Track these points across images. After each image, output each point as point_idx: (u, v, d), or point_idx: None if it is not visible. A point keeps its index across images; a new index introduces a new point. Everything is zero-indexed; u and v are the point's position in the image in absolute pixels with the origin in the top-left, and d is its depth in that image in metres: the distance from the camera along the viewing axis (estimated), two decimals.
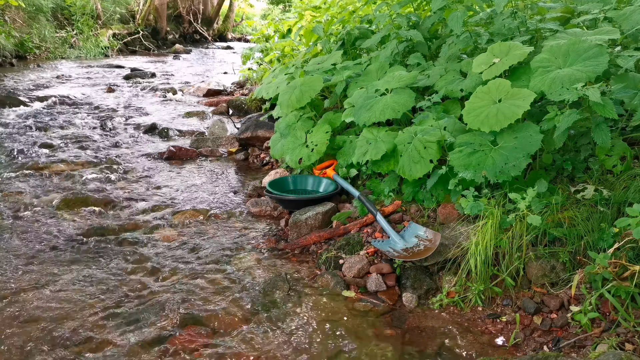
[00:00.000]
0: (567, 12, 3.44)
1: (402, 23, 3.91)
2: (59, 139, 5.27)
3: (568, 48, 2.57)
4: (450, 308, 2.37)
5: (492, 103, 2.60)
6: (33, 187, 3.91)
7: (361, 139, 3.29)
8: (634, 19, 2.73)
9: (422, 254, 2.52)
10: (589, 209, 2.35)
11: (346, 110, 3.64)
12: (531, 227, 2.31)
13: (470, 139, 2.66)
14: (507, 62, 2.71)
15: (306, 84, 3.81)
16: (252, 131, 4.97)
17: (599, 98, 2.18)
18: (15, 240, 3.03)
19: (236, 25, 23.32)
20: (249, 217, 3.51)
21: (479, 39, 3.39)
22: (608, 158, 2.50)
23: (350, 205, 3.28)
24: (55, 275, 2.66)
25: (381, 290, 2.53)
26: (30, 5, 11.81)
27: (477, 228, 2.39)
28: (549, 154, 2.65)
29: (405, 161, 2.92)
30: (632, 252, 2.10)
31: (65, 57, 12.48)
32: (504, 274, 2.34)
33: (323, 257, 2.78)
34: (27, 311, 2.32)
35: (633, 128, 2.64)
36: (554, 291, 2.26)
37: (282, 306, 2.40)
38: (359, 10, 5.39)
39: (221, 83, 8.98)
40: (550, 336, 2.10)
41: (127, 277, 2.67)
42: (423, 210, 3.00)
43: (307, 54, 5.54)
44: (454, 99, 3.30)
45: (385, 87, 3.33)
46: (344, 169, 3.50)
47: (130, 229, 3.26)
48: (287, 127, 3.98)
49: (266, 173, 4.26)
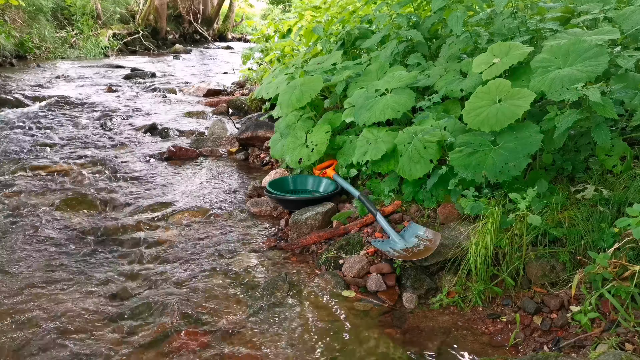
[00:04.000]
0: (567, 12, 3.45)
1: (402, 23, 3.91)
2: (59, 139, 5.27)
3: (568, 48, 2.57)
4: (450, 308, 2.37)
5: (492, 103, 2.60)
6: (33, 187, 3.91)
7: (361, 139, 3.29)
8: (634, 19, 2.74)
9: (422, 254, 2.52)
10: (589, 209, 2.35)
11: (346, 110, 3.64)
12: (531, 227, 2.31)
13: (470, 139, 2.66)
14: (507, 62, 2.71)
15: (306, 84, 3.81)
16: (252, 131, 4.97)
17: (599, 98, 2.18)
18: (15, 241, 3.03)
19: (236, 25, 23.32)
20: (249, 217, 3.51)
21: (479, 39, 3.39)
22: (608, 158, 2.50)
23: (350, 205, 3.28)
24: (55, 275, 2.66)
25: (381, 290, 2.53)
26: (30, 5, 11.80)
27: (477, 228, 2.39)
28: (549, 154, 2.65)
29: (405, 161, 2.92)
30: (632, 252, 2.10)
31: (65, 57, 12.47)
32: (504, 274, 2.34)
33: (323, 257, 2.78)
34: (27, 311, 2.32)
35: (633, 128, 2.64)
36: (554, 291, 2.26)
37: (282, 306, 2.40)
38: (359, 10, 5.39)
39: (221, 83, 8.98)
40: (550, 336, 2.10)
41: (127, 276, 2.67)
42: (423, 210, 3.00)
43: (307, 54, 5.54)
44: (454, 99, 3.30)
45: (385, 87, 3.33)
46: (344, 169, 3.50)
47: (130, 228, 3.26)
48: (287, 127, 3.98)
49: (266, 173, 4.26)
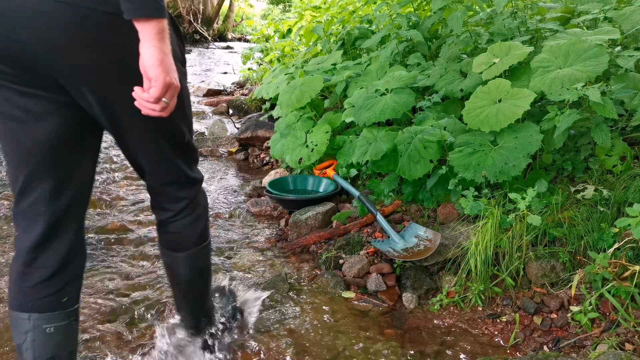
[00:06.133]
0: (567, 12, 3.45)
1: (402, 23, 3.91)
2: None
3: (568, 48, 2.57)
4: (450, 308, 2.37)
5: (492, 103, 2.60)
6: None
7: (361, 138, 3.29)
8: (634, 19, 2.74)
9: (422, 254, 2.52)
10: (589, 209, 2.35)
11: (346, 110, 3.64)
12: (531, 227, 2.31)
13: (470, 139, 2.66)
14: (507, 62, 2.72)
15: (306, 84, 3.81)
16: (252, 131, 4.97)
17: (599, 98, 2.18)
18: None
19: (236, 25, 23.32)
20: (249, 217, 3.51)
21: (479, 39, 3.39)
22: (608, 158, 2.50)
23: (350, 205, 3.28)
24: None
25: (381, 290, 2.53)
26: None
27: (477, 228, 2.39)
28: (549, 154, 2.65)
29: (405, 161, 2.92)
30: (632, 252, 2.10)
31: None
32: (504, 274, 2.34)
33: (323, 257, 2.78)
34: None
35: (633, 128, 2.64)
36: (554, 291, 2.27)
37: (282, 306, 2.40)
38: (359, 10, 5.39)
39: (221, 83, 8.98)
40: (550, 336, 2.10)
41: (127, 276, 2.67)
42: (423, 210, 3.00)
43: (307, 54, 5.54)
44: (454, 99, 3.31)
45: (385, 87, 3.33)
46: (344, 169, 3.50)
47: (130, 228, 3.25)
48: (287, 127, 3.98)
49: (266, 173, 4.26)
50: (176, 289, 1.86)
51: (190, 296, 1.87)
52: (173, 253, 1.71)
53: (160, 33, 1.17)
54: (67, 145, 1.36)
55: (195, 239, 1.70)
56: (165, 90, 1.21)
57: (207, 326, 1.97)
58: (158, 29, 1.16)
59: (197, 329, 1.94)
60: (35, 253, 1.41)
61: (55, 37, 1.16)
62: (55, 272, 1.44)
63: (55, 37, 1.16)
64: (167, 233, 1.70)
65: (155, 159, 1.52)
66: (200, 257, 1.75)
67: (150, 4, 1.14)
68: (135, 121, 1.37)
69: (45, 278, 1.42)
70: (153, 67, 1.18)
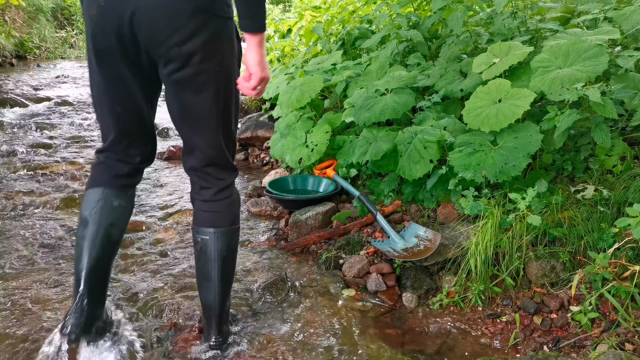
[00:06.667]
0: (567, 12, 3.45)
1: (402, 23, 3.91)
2: (59, 139, 5.27)
3: (568, 48, 2.57)
4: (450, 308, 2.37)
5: (492, 103, 2.60)
6: (33, 187, 3.91)
7: (361, 138, 3.29)
8: (634, 19, 2.74)
9: (422, 254, 2.52)
10: (589, 209, 2.35)
11: (346, 110, 3.64)
12: (531, 227, 2.31)
13: (470, 139, 2.66)
14: (507, 62, 2.72)
15: (306, 84, 3.81)
16: (252, 131, 4.97)
17: (599, 98, 2.18)
18: (15, 241, 3.03)
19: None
20: (249, 217, 3.51)
21: (479, 39, 3.39)
22: (608, 158, 2.50)
23: (350, 205, 3.28)
24: (54, 275, 2.66)
25: (381, 290, 2.53)
26: (30, 5, 11.80)
27: (477, 228, 2.39)
28: (549, 154, 2.66)
29: (405, 161, 2.92)
30: (632, 252, 2.10)
31: (65, 57, 12.47)
32: (504, 274, 2.34)
33: (323, 257, 2.78)
34: (27, 310, 2.32)
35: (633, 128, 2.64)
36: (554, 291, 2.27)
37: (282, 306, 2.40)
38: (359, 10, 5.39)
39: None
40: (550, 336, 2.10)
41: (126, 276, 2.67)
42: (423, 210, 3.00)
43: (307, 54, 5.54)
44: (454, 99, 3.31)
45: (385, 87, 3.33)
46: (344, 169, 3.50)
47: (130, 228, 3.25)
48: (287, 127, 3.98)
49: (266, 173, 4.26)
50: (207, 272, 1.93)
51: (223, 277, 1.95)
52: (210, 229, 1.90)
53: (261, 42, 1.62)
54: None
55: (232, 218, 1.96)
56: (261, 81, 1.69)
57: (226, 324, 2.06)
58: (260, 39, 1.62)
59: (219, 325, 2.01)
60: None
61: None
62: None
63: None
64: (206, 211, 1.93)
65: (211, 135, 1.82)
66: (234, 237, 1.98)
67: (261, 22, 1.61)
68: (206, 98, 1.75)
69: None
70: (254, 66, 1.65)
